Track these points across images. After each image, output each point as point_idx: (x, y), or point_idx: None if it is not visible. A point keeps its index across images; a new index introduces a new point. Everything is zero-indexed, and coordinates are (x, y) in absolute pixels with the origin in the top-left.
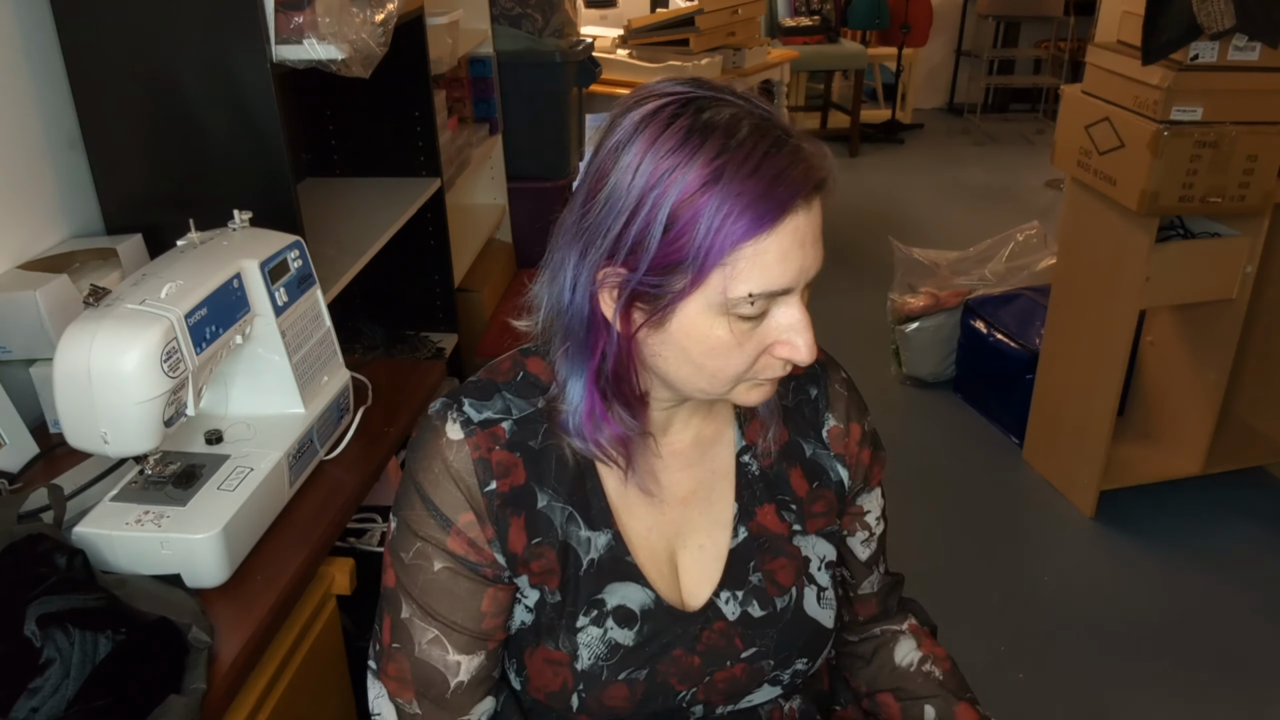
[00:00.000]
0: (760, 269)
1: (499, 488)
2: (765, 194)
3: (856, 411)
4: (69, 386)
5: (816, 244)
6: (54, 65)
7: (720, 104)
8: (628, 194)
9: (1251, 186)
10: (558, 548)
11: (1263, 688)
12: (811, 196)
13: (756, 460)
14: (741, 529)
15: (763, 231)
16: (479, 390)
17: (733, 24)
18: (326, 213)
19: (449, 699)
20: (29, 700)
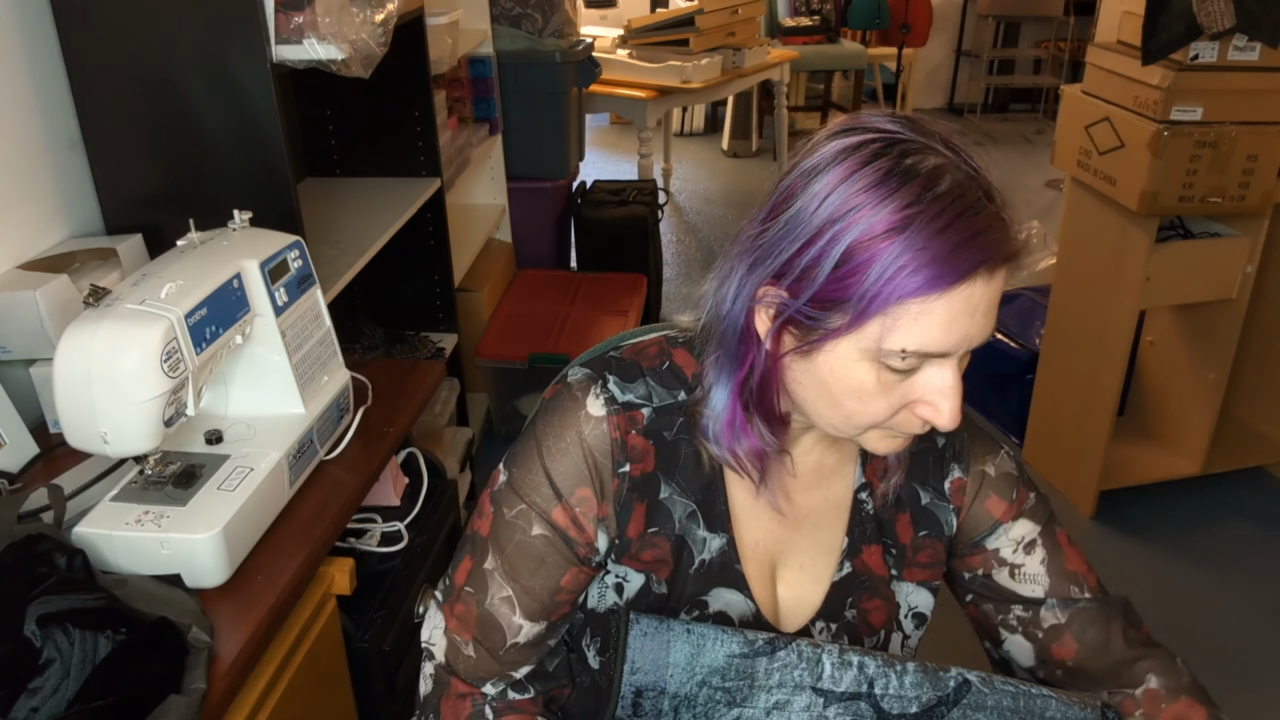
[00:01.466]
0: (922, 329)
1: (631, 471)
2: (950, 255)
3: (974, 459)
4: (69, 386)
5: (989, 314)
6: (54, 65)
7: (928, 152)
8: (810, 220)
9: (1251, 186)
10: (673, 541)
11: (1263, 688)
12: (997, 267)
13: (872, 500)
14: (847, 564)
15: (935, 292)
16: (624, 370)
17: (733, 24)
18: (326, 213)
19: (502, 654)
20: (29, 700)
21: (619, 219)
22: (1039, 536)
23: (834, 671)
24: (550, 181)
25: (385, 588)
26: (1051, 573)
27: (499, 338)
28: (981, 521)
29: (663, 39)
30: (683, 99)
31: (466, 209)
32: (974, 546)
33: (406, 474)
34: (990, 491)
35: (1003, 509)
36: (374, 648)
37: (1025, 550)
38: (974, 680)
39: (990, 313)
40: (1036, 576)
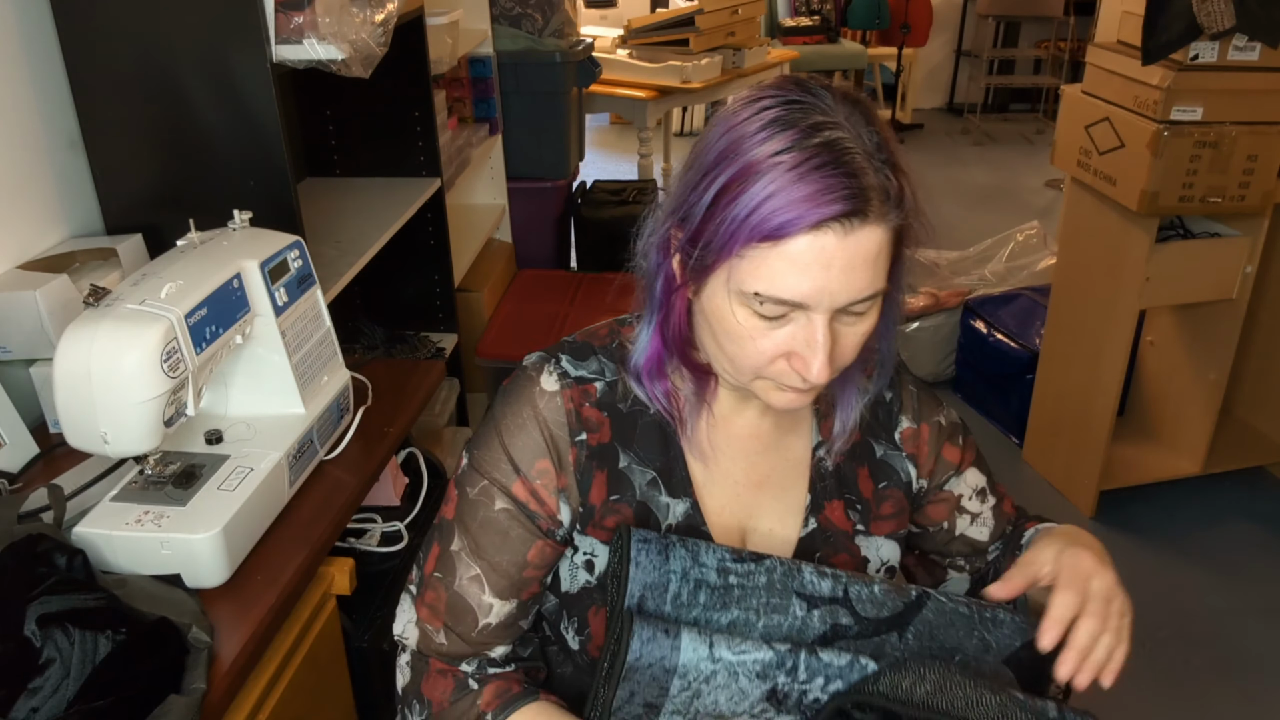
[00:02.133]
0: (772, 272)
1: (589, 440)
2: (800, 203)
3: (929, 410)
4: (69, 386)
5: (850, 271)
6: (54, 65)
7: (815, 111)
8: (701, 163)
9: (1251, 186)
10: (635, 508)
11: (1263, 688)
12: (850, 222)
13: (829, 457)
14: (812, 520)
15: (782, 237)
16: (576, 350)
17: (733, 24)
18: (326, 213)
19: (474, 636)
20: (29, 700)
21: (619, 219)
22: (987, 485)
23: (814, 579)
24: (550, 181)
25: (385, 588)
26: (996, 517)
27: (499, 338)
28: (943, 467)
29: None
30: (683, 99)
31: (466, 209)
32: (939, 490)
33: (406, 474)
34: (945, 440)
35: (957, 455)
36: (374, 648)
37: (979, 498)
38: (932, 591)
39: (852, 271)
40: (987, 521)
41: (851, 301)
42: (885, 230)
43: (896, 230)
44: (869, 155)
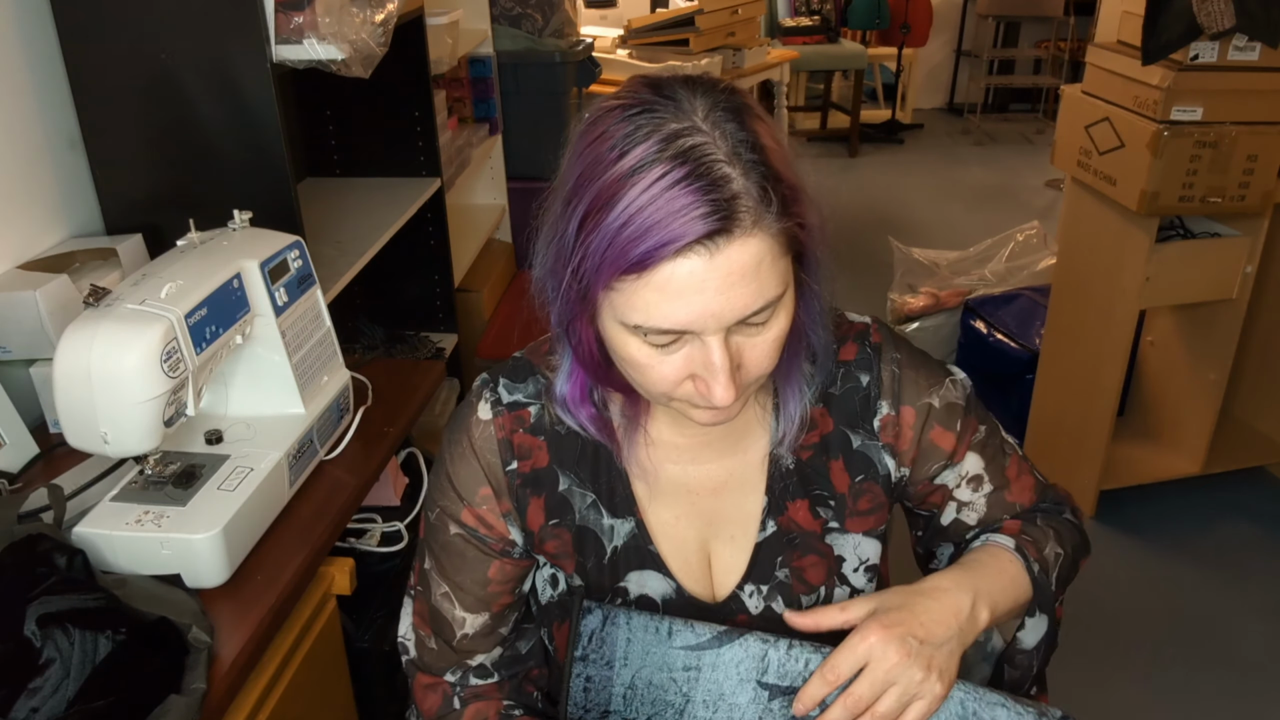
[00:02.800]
0: (646, 306)
1: (520, 468)
2: (656, 228)
3: (916, 391)
4: (69, 386)
5: (729, 290)
6: (54, 65)
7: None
8: (563, 185)
9: (1251, 186)
10: (574, 531)
11: (1263, 688)
12: (715, 241)
13: (793, 454)
14: (770, 523)
15: (645, 269)
16: (515, 371)
17: (733, 24)
18: (326, 213)
19: (456, 645)
20: (29, 700)
21: None
22: (984, 472)
23: (779, 666)
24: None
25: (385, 588)
26: (991, 504)
27: (499, 338)
28: (931, 455)
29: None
30: None
31: (466, 209)
32: (929, 482)
33: (406, 474)
34: (935, 423)
35: (950, 441)
36: (374, 648)
37: (972, 486)
38: None
39: (729, 290)
40: (978, 508)
41: (740, 318)
42: (762, 238)
43: (785, 231)
44: (733, 157)
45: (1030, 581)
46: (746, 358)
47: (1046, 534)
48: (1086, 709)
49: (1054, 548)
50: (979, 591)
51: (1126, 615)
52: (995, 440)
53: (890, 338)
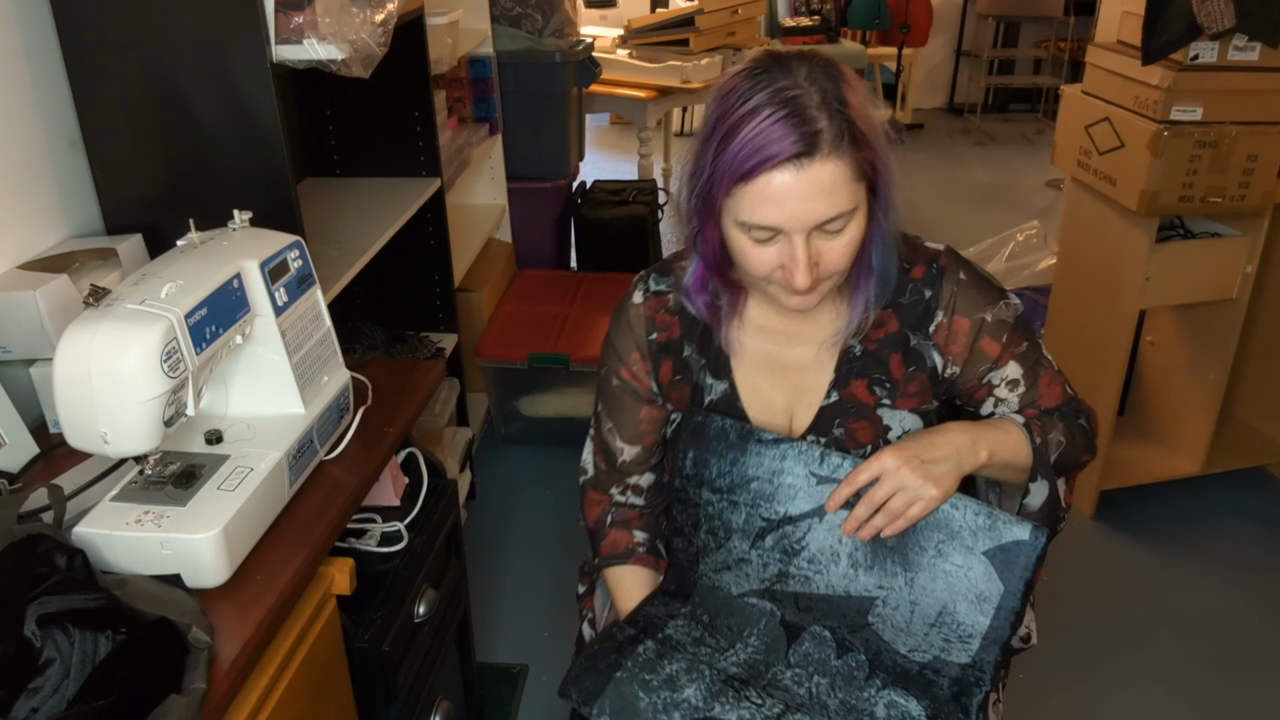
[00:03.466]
0: (751, 207)
1: (658, 339)
2: (761, 149)
3: (973, 306)
4: (69, 386)
5: (809, 200)
6: (54, 65)
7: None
8: (705, 127)
9: (1251, 186)
10: (690, 386)
11: (1263, 687)
12: (800, 161)
13: (861, 345)
14: (834, 393)
15: (751, 178)
16: (661, 269)
17: (733, 24)
18: (326, 213)
19: (618, 467)
20: (29, 700)
21: (619, 219)
22: (1022, 378)
23: (827, 462)
24: (550, 181)
25: (385, 588)
26: (1023, 404)
27: (499, 338)
28: (980, 359)
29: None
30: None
31: (466, 209)
32: (978, 379)
33: (406, 474)
34: (986, 335)
35: (996, 349)
36: (374, 648)
37: (1010, 387)
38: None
39: (810, 199)
40: (1011, 405)
41: (819, 222)
42: (839, 164)
43: (857, 162)
44: (822, 106)
45: (1030, 450)
46: (824, 257)
47: (1055, 425)
48: (1086, 708)
49: (1058, 436)
50: (979, 436)
51: (1127, 615)
52: (1035, 354)
53: (956, 263)
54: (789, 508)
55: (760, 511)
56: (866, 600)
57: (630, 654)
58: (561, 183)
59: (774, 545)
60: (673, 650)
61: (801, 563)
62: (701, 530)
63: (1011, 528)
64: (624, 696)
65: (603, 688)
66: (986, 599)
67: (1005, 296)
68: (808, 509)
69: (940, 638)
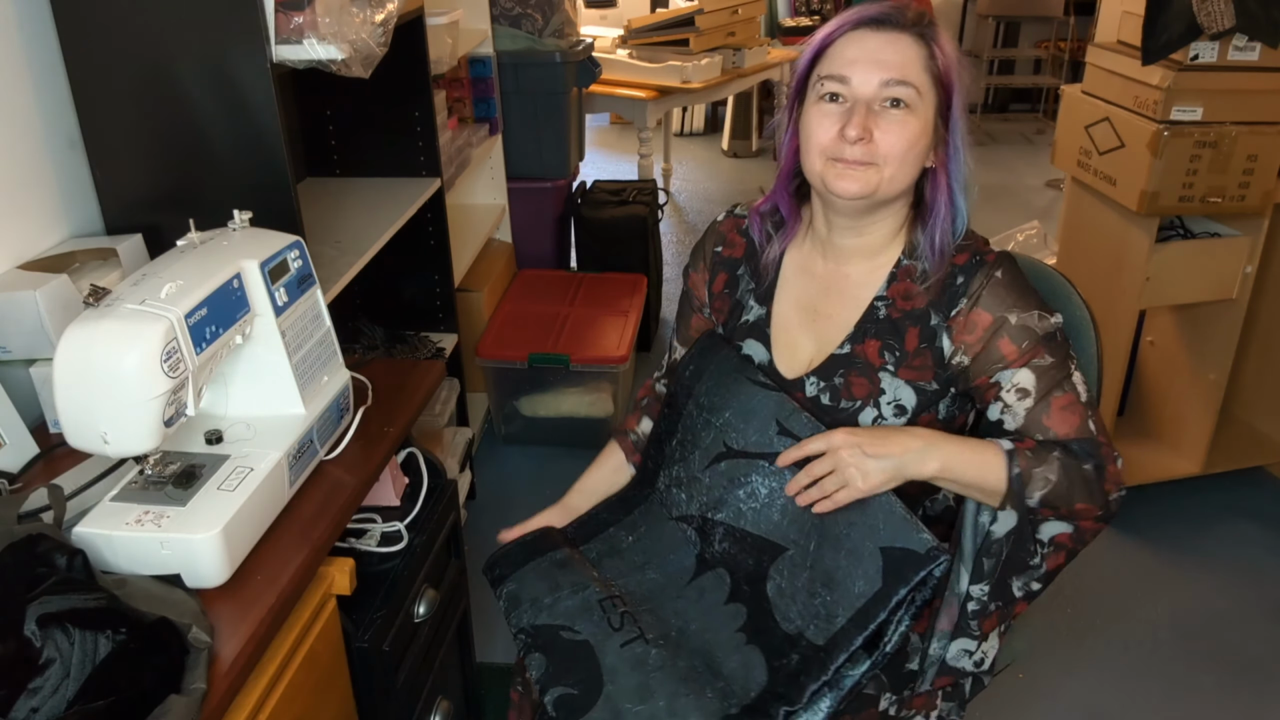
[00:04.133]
0: (829, 59)
1: (723, 252)
2: (853, 16)
3: (994, 304)
4: (69, 386)
5: (879, 57)
6: (54, 65)
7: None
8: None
9: (1251, 186)
10: (733, 302)
11: (1263, 688)
12: (879, 25)
13: (887, 310)
14: (848, 345)
15: (838, 37)
16: (748, 201)
17: (733, 24)
18: (326, 213)
19: (668, 363)
20: (29, 700)
21: (619, 219)
22: (1033, 389)
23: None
24: (550, 181)
25: (385, 588)
26: (1029, 418)
27: (499, 338)
28: (993, 357)
29: (663, 39)
30: (683, 99)
31: (466, 209)
32: (987, 377)
33: (406, 474)
34: (1005, 335)
35: (1013, 353)
36: (374, 648)
37: (1018, 395)
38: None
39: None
40: (1016, 416)
41: (883, 81)
42: (914, 45)
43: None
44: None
45: (1007, 479)
46: (880, 131)
47: (1049, 460)
48: (1086, 708)
49: (1047, 473)
50: (937, 447)
51: (1127, 615)
52: (1058, 375)
53: (1001, 262)
54: (749, 444)
55: (725, 438)
56: (778, 549)
57: (546, 553)
58: (561, 183)
59: (725, 471)
60: (582, 562)
61: (742, 495)
62: (675, 439)
63: (914, 535)
64: (521, 588)
65: (509, 574)
66: (861, 594)
67: (1046, 310)
68: (764, 452)
69: (811, 611)
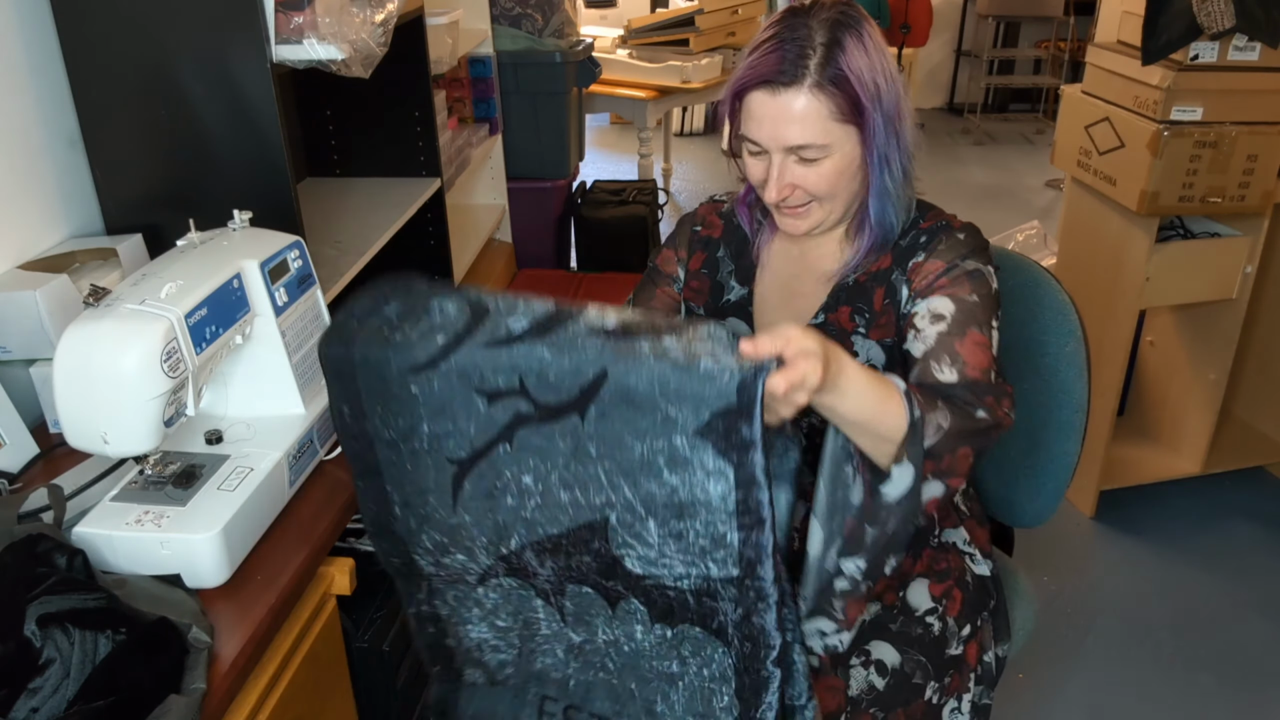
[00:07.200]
0: (743, 120)
1: (700, 232)
2: (748, 70)
3: (949, 253)
4: (69, 387)
5: (781, 123)
6: (54, 65)
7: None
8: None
9: (1251, 186)
10: (713, 283)
11: (1263, 688)
12: (775, 86)
13: (854, 278)
14: (822, 314)
15: (744, 94)
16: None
17: (733, 24)
18: (326, 213)
19: None
20: (29, 700)
21: (619, 219)
22: (950, 317)
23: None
24: (550, 181)
25: (385, 588)
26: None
27: None
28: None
29: (663, 39)
30: (683, 99)
31: (466, 209)
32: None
33: None
34: (945, 275)
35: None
36: (374, 648)
37: (933, 320)
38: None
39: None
40: (926, 339)
41: (790, 146)
42: (814, 99)
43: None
44: (821, 46)
45: (909, 420)
46: (800, 180)
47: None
48: (1086, 708)
49: (939, 418)
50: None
51: (1126, 615)
52: (979, 317)
53: (966, 230)
54: (473, 438)
55: (443, 454)
56: (599, 526)
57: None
58: (561, 183)
59: (474, 492)
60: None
61: (511, 503)
62: (395, 507)
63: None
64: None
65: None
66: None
67: (991, 267)
68: (492, 437)
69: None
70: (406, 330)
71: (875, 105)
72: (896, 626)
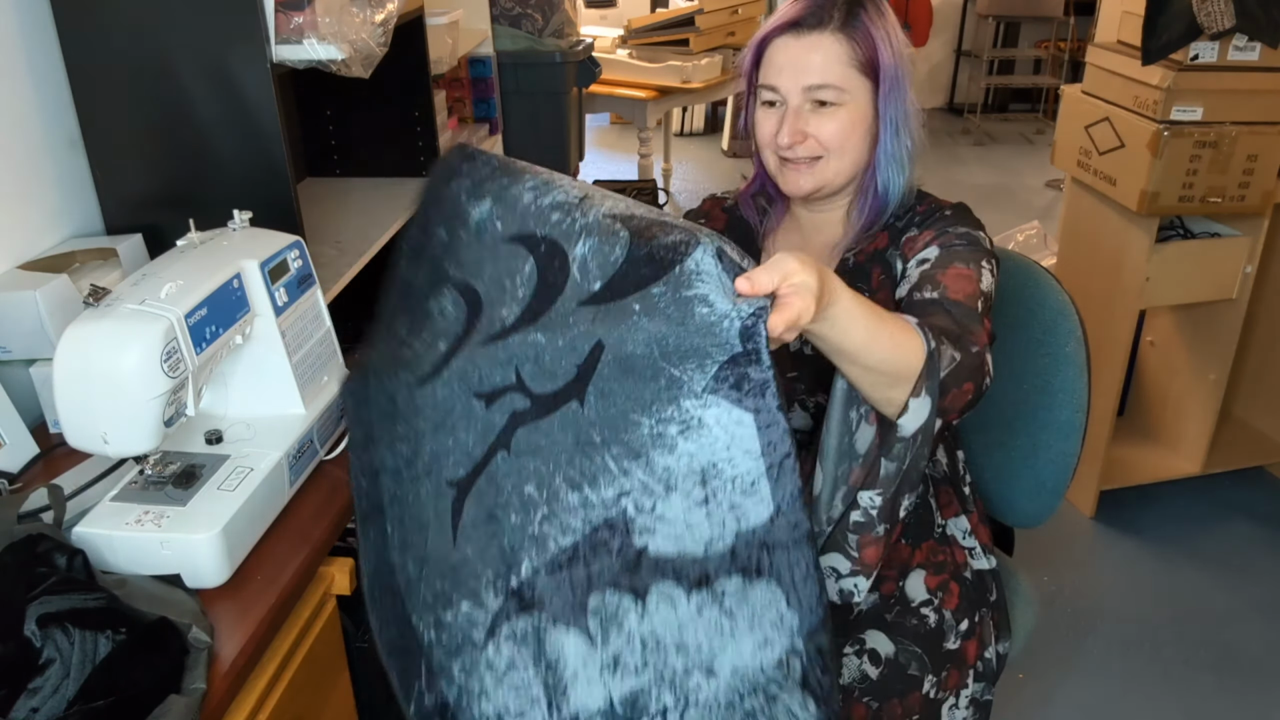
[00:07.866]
0: (765, 65)
1: (702, 223)
2: (777, 21)
3: (942, 226)
4: (69, 386)
5: (803, 61)
6: (54, 65)
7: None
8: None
9: (1251, 186)
10: None
11: (1263, 687)
12: (799, 29)
13: (854, 258)
14: None
15: (765, 45)
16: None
17: (733, 24)
18: (326, 213)
19: None
20: (29, 700)
21: None
22: (934, 259)
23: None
24: None
25: None
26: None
27: None
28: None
29: (663, 39)
30: (683, 99)
31: None
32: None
33: None
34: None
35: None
36: (374, 648)
37: (919, 264)
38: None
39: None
40: (911, 279)
41: (809, 85)
42: (836, 42)
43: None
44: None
45: (925, 353)
46: (813, 129)
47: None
48: (1086, 708)
49: (951, 352)
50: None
51: (1127, 615)
52: (966, 255)
53: (959, 210)
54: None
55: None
56: (617, 522)
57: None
58: None
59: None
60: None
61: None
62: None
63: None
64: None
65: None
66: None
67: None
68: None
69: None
70: (414, 345)
71: (892, 66)
72: (892, 616)
